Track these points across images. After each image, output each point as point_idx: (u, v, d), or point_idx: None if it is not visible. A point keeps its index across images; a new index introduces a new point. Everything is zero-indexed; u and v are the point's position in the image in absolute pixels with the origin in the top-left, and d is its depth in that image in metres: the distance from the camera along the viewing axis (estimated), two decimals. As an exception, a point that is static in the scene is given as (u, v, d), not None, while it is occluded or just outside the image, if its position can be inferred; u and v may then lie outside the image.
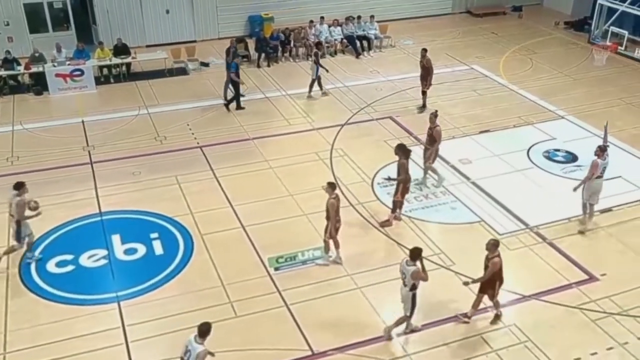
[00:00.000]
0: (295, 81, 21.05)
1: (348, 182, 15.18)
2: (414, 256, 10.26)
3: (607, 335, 10.74)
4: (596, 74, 22.01)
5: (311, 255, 12.68)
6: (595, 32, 25.17)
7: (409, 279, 10.27)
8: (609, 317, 11.14)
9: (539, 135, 17.57)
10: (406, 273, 10.29)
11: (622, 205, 14.39)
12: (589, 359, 10.32)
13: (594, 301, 11.52)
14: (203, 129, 17.81)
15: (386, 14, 26.41)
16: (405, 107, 19.12)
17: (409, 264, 10.27)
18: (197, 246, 12.94)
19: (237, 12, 25.03)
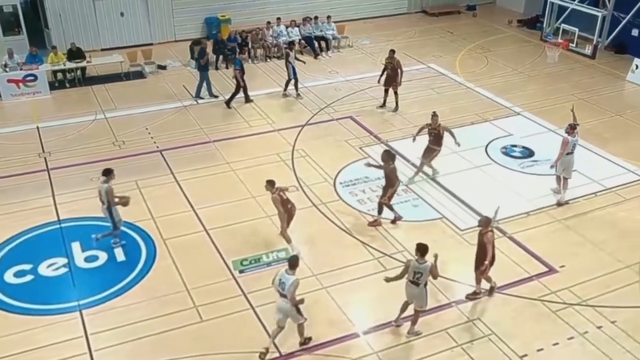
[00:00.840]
0: (255, 83, 20.94)
1: (310, 183, 15.20)
2: (423, 252, 10.26)
3: (568, 326, 11.00)
4: (549, 70, 22.52)
5: (275, 256, 12.65)
6: (547, 29, 25.74)
7: (425, 276, 10.28)
8: (569, 308, 11.40)
9: (496, 131, 17.89)
10: (423, 271, 10.26)
11: (579, 198, 14.75)
12: (551, 349, 10.54)
13: (554, 292, 11.78)
14: (162, 133, 17.59)
15: (343, 15, 26.54)
16: (365, 107, 19.23)
17: (421, 262, 10.27)
18: (159, 251, 12.77)
19: (193, 14, 24.82)
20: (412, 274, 10.39)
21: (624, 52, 23.85)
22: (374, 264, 12.52)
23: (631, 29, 23.65)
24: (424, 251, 10.27)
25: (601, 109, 19.53)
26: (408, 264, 10.43)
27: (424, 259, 10.27)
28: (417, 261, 10.32)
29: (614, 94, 20.87)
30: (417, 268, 10.31)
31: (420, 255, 10.27)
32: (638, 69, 21.66)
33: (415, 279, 10.39)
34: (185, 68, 22.38)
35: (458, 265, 12.50)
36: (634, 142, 17.49)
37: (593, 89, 20.97)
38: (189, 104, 19.51)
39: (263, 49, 23.44)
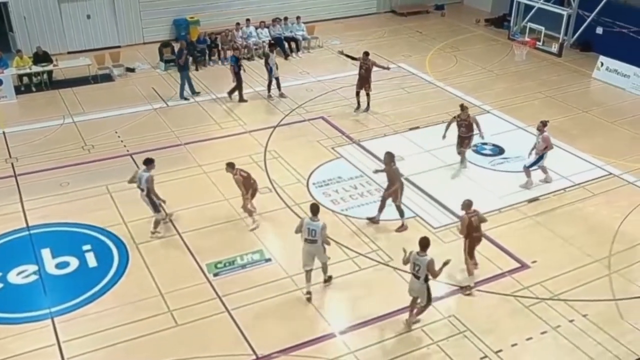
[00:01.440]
0: (225, 84, 20.86)
1: (283, 184, 15.20)
2: (424, 246, 10.38)
3: (541, 320, 11.18)
4: (517, 69, 22.85)
5: (250, 258, 12.63)
6: (514, 28, 26.11)
7: (423, 270, 10.38)
8: (541, 303, 11.59)
9: (466, 130, 18.04)
10: (421, 264, 10.37)
11: (548, 194, 15.00)
12: (525, 344, 10.70)
13: (527, 288, 11.97)
14: (132, 136, 17.43)
15: (312, 15, 26.58)
16: (337, 107, 19.29)
17: (421, 255, 10.39)
18: (132, 256, 12.66)
19: (162, 15, 24.62)
20: (412, 265, 10.53)
21: (590, 49, 24.31)
22: (348, 263, 12.57)
23: (596, 27, 24.10)
24: (424, 245, 10.40)
25: (568, 106, 19.88)
26: (410, 254, 10.55)
27: (424, 252, 10.38)
28: (417, 253, 10.42)
29: (581, 91, 21.26)
30: (416, 260, 10.41)
31: (421, 248, 10.38)
32: (603, 66, 22.09)
33: (415, 272, 10.52)
34: (154, 70, 22.21)
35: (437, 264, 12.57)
36: (601, 138, 17.84)
37: (560, 87, 21.33)
38: (159, 106, 19.36)
39: (233, 50, 23.30)
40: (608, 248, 13.07)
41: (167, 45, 22.90)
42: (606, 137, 17.90)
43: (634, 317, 11.27)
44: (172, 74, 21.89)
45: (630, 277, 12.28)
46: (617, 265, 12.59)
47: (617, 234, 13.52)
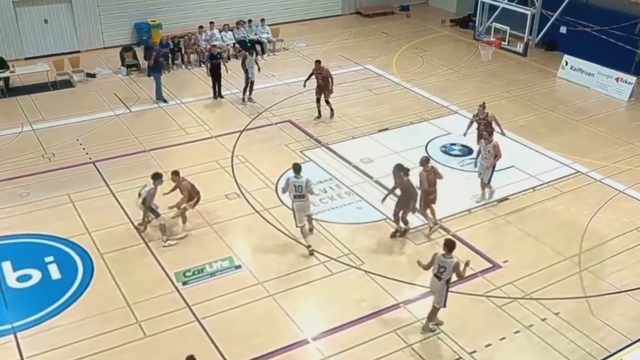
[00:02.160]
0: (189, 89, 20.75)
1: (252, 189, 15.14)
2: (451, 248, 10.43)
3: (514, 320, 11.32)
4: (483, 68, 23.17)
5: (220, 266, 12.54)
6: (480, 28, 26.47)
7: (448, 272, 10.44)
8: (514, 302, 11.74)
9: (435, 130, 18.26)
10: (447, 266, 10.42)
11: (518, 193, 15.21)
12: (499, 344, 10.82)
13: (499, 288, 12.11)
14: (95, 143, 17.18)
15: (277, 17, 26.57)
16: (304, 110, 19.28)
17: (447, 257, 10.43)
18: (97, 267, 12.47)
19: (122, 19, 24.33)
20: (436, 267, 10.57)
21: (554, 49, 24.78)
22: (320, 268, 12.57)
23: (559, 27, 24.56)
24: (450, 246, 10.43)
25: (535, 105, 20.22)
26: (434, 257, 10.60)
27: (450, 254, 10.43)
28: (443, 255, 10.48)
29: (547, 90, 21.64)
30: (442, 262, 10.47)
31: (447, 250, 10.42)
32: (568, 65, 22.53)
33: (439, 273, 10.56)
34: (116, 75, 21.94)
35: (404, 265, 12.70)
36: (567, 136, 18.18)
37: (526, 86, 21.69)
38: (122, 112, 19.13)
39: (196, 54, 23.21)
40: (578, 246, 13.31)
41: (128, 49, 22.66)
42: (572, 135, 18.24)
43: (605, 314, 11.49)
44: (134, 78, 21.69)
45: (600, 274, 12.52)
46: (587, 262, 12.83)
47: (586, 231, 13.77)
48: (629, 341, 10.90)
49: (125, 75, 21.92)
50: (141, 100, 19.94)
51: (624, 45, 21.97)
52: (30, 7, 22.82)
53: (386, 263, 12.71)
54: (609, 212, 14.48)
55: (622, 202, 14.96)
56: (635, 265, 12.79)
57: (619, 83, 21.04)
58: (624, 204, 14.89)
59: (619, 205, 14.81)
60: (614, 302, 11.83)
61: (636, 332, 11.09)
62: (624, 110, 20.30)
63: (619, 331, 11.09)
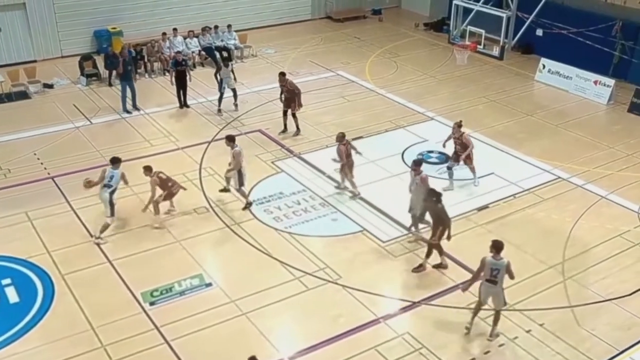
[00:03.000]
0: (154, 99, 20.57)
1: (222, 203, 15.02)
2: (499, 249, 10.67)
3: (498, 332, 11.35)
4: (459, 73, 23.39)
5: (189, 284, 12.38)
6: (454, 32, 26.74)
7: (502, 273, 10.67)
8: (497, 314, 11.78)
9: (411, 138, 18.35)
10: (500, 267, 10.65)
11: (498, 201, 15.33)
12: (483, 357, 10.84)
13: (482, 299, 12.13)
14: (54, 158, 16.93)
15: (244, 23, 26.56)
16: (275, 119, 19.22)
17: (498, 259, 10.67)
18: (58, 288, 12.23)
19: (81, 27, 24.08)
20: (489, 271, 10.72)
21: (531, 52, 25.17)
22: (295, 284, 12.49)
23: (536, 29, 24.93)
24: (499, 248, 10.64)
25: (513, 110, 20.46)
26: (483, 261, 10.72)
27: (499, 255, 10.65)
28: (493, 258, 10.65)
29: (524, 94, 21.93)
30: (495, 265, 10.66)
31: (495, 251, 10.64)
32: (545, 68, 22.87)
33: (493, 276, 10.72)
34: (75, 86, 21.68)
35: (383, 279, 12.69)
36: (546, 141, 18.41)
37: (504, 90, 21.96)
38: (82, 124, 18.89)
39: (160, 62, 23.06)
40: (561, 254, 13.44)
41: (88, 58, 22.44)
42: (552, 140, 18.48)
43: (591, 323, 11.60)
44: (94, 88, 21.47)
45: (585, 282, 12.65)
46: (571, 270, 12.95)
47: (569, 238, 13.92)
48: (616, 351, 11.00)
49: (85, 85, 21.67)
50: (102, 111, 19.70)
51: (601, 47, 22.38)
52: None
53: (364, 277, 12.68)
54: (591, 219, 14.67)
55: (604, 207, 15.17)
56: (620, 273, 12.95)
57: (598, 86, 21.41)
58: (606, 209, 15.09)
59: (602, 211, 15.02)
60: (599, 311, 11.95)
61: (623, 341, 11.21)
62: (603, 113, 20.64)
63: (606, 341, 11.19)
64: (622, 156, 17.54)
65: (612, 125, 19.81)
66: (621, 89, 21.45)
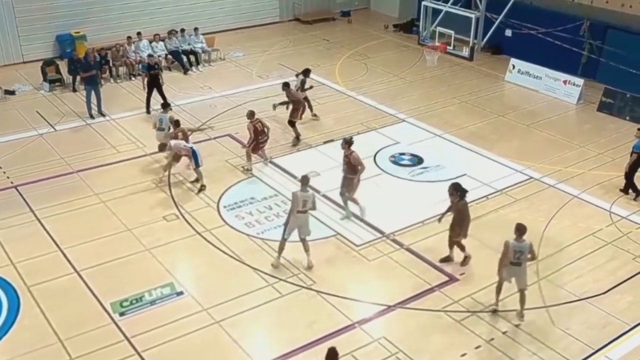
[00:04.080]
0: (119, 104, 20.35)
1: (191, 209, 14.93)
2: (522, 231, 11.29)
3: (474, 334, 11.44)
4: (430, 74, 23.57)
5: (160, 293, 12.26)
6: (424, 33, 26.84)
7: (525, 255, 11.32)
8: (473, 316, 11.87)
9: (383, 140, 18.42)
10: (523, 249, 11.27)
11: (471, 202, 15.25)
12: (460, 360, 10.93)
13: (457, 302, 12.24)
14: (16, 166, 16.65)
15: (211, 26, 26.39)
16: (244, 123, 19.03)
17: (521, 241, 11.29)
18: (24, 301, 12.02)
19: (43, 31, 23.73)
20: (512, 254, 11.28)
21: (500, 52, 25.46)
22: (269, 290, 12.44)
23: (505, 30, 25.24)
24: (522, 230, 11.29)
25: (484, 110, 20.67)
26: (507, 245, 11.34)
27: (522, 238, 11.25)
28: (515, 240, 11.29)
29: (495, 94, 22.18)
30: (518, 247, 11.27)
31: (518, 235, 11.26)
32: (515, 69, 23.15)
33: (517, 259, 11.33)
34: (37, 92, 21.36)
35: (357, 283, 12.71)
36: (518, 141, 18.63)
37: (474, 91, 22.18)
38: (46, 131, 18.61)
39: (126, 66, 22.83)
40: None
41: (50, 63, 22.13)
42: (523, 141, 18.72)
43: (566, 323, 11.75)
44: (57, 94, 21.17)
45: (559, 282, 12.82)
46: (546, 270, 13.10)
47: (542, 238, 14.07)
48: (592, 350, 11.16)
49: (48, 91, 21.37)
50: (67, 117, 19.45)
51: (570, 47, 22.73)
52: (-61, 20, 22.10)
53: (338, 282, 12.69)
54: (564, 218, 14.88)
55: (576, 207, 15.40)
56: (594, 272, 13.15)
57: (567, 86, 21.73)
58: (578, 209, 15.32)
59: (574, 210, 15.24)
60: (574, 310, 12.12)
61: (598, 340, 11.37)
62: (573, 113, 20.96)
63: (581, 340, 11.34)
64: (592, 155, 17.83)
65: (582, 124, 20.14)
66: (590, 88, 21.79)
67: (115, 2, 24.72)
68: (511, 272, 11.51)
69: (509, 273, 11.53)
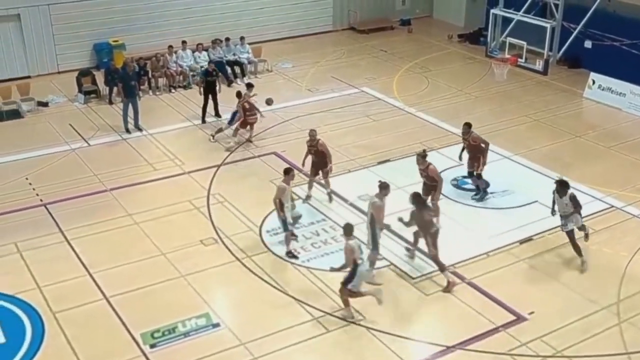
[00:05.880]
0: (158, 118, 20.72)
1: (231, 233, 15.02)
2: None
3: (544, 382, 11.14)
4: (498, 89, 23.35)
5: (194, 324, 12.32)
6: (492, 44, 26.74)
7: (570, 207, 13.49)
8: (543, 361, 11.57)
9: (444, 161, 18.18)
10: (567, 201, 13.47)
11: (542, 233, 15.12)
12: (527, 410, 10.63)
13: (525, 344, 11.93)
14: (46, 183, 17.08)
15: (259, 35, 26.83)
16: (291, 141, 19.25)
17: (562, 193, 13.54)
18: (49, 328, 12.23)
19: (80, 39, 24.49)
20: (561, 206, 13.66)
21: (578, 66, 25.05)
22: (313, 325, 12.37)
23: (584, 41, 24.85)
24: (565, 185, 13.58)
25: (559, 130, 20.32)
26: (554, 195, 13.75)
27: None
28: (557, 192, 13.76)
29: (572, 112, 21.80)
30: (559, 201, 13.78)
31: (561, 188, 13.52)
32: (595, 84, 22.73)
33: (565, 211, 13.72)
34: (72, 104, 21.96)
35: (412, 320, 12.55)
36: (599, 166, 18.23)
37: (548, 109, 21.84)
38: (79, 146, 19.07)
39: (166, 77, 23.27)
40: (616, 292, 13.19)
41: (86, 74, 22.71)
42: (604, 165, 18.31)
43: (651, 373, 11.34)
44: (93, 107, 21.69)
45: (643, 326, 12.40)
46: (628, 312, 12.69)
47: (624, 275, 13.68)
48: (681, 405, 10.72)
49: (83, 103, 21.92)
50: (101, 132, 19.89)
51: (658, 60, 22.25)
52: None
53: (391, 317, 12.51)
54: (650, 253, 14.45)
55: (665, 240, 14.93)
56: (684, 315, 12.68)
57: (655, 103, 21.27)
58: (667, 243, 14.85)
59: (662, 244, 14.78)
60: (660, 358, 11.69)
61: (688, 394, 10.92)
62: (662, 134, 20.44)
63: (668, 393, 10.92)
64: (684, 182, 17.32)
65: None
66: (681, 107, 21.24)
67: (157, 9, 25.39)
68: (562, 207, 13.62)
69: (560, 206, 13.69)
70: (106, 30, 24.63)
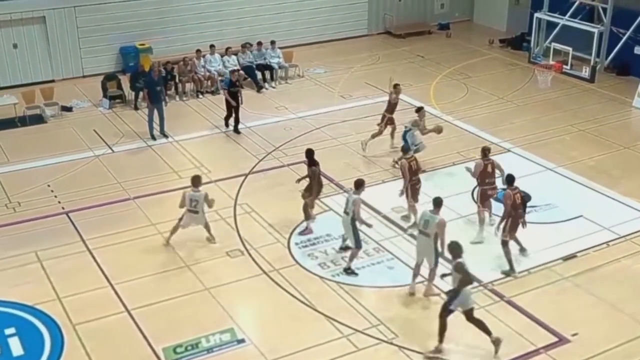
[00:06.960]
0: (184, 124, 20.87)
1: (258, 245, 15.04)
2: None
3: (587, 408, 10.96)
4: (542, 97, 23.17)
5: (218, 339, 12.34)
6: (536, 50, 26.55)
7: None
8: (586, 386, 11.39)
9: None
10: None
11: (588, 249, 14.91)
12: None
13: (567, 368, 11.77)
14: (69, 190, 17.28)
15: (290, 39, 26.93)
16: (323, 149, 19.22)
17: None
18: (68, 340, 12.32)
19: (105, 43, 24.79)
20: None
21: (627, 73, 24.78)
22: (343, 343, 12.32)
23: (634, 47, 24.57)
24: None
25: (606, 141, 20.07)
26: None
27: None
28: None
29: (620, 122, 21.55)
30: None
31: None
32: (645, 92, 22.46)
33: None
34: (96, 109, 22.24)
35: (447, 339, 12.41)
36: (648, 179, 17.97)
37: (595, 118, 21.60)
38: (102, 152, 19.28)
39: (193, 82, 23.45)
40: (666, 314, 12.97)
41: (111, 78, 22.98)
42: (654, 178, 18.05)
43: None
44: (118, 112, 21.92)
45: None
46: (677, 340, 12.45)
47: (674, 298, 13.44)
48: None
49: (108, 108, 22.17)
50: (126, 138, 20.09)
51: None
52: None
53: (424, 336, 12.40)
54: (703, 273, 14.17)
55: None
56: None
57: None
58: None
59: None
60: None
61: None
62: None
63: None
64: None
65: None
66: None
67: (185, 12, 25.65)
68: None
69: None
70: (133, 33, 24.90)
